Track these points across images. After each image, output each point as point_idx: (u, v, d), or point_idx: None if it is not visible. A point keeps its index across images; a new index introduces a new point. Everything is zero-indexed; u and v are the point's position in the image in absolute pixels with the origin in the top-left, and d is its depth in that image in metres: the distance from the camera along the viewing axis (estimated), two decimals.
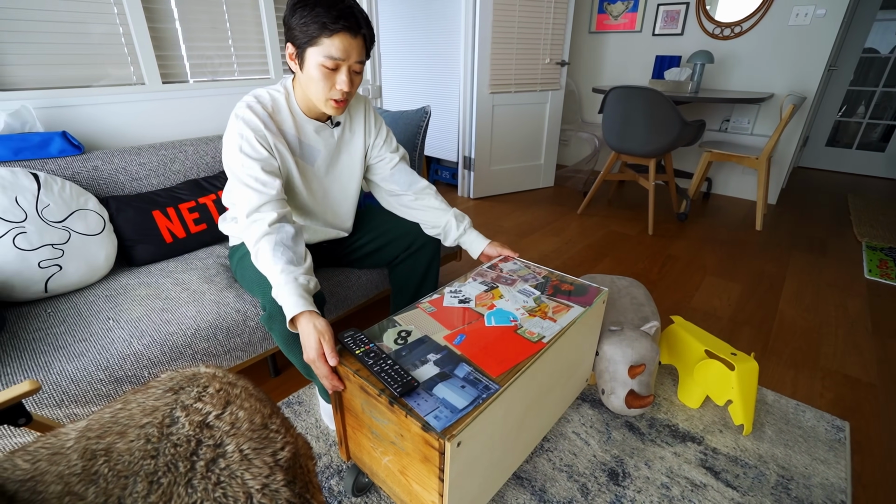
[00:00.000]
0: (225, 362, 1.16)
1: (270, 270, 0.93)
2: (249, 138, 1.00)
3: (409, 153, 1.74)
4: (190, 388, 0.73)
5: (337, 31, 0.93)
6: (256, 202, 0.98)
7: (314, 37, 0.94)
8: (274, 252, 0.94)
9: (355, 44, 0.97)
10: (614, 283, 1.43)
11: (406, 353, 0.86)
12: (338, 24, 0.92)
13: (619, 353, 1.17)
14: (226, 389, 0.74)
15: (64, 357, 0.95)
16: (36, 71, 1.36)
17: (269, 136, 1.02)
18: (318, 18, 0.92)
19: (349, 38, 0.95)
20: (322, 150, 1.14)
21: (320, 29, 0.93)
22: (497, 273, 1.18)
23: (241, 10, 1.75)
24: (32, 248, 1.11)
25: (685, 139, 2.46)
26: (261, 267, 0.96)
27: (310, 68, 0.97)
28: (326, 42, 0.94)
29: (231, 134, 1.01)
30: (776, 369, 1.49)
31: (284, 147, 1.06)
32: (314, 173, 1.16)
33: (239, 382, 0.77)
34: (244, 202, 0.99)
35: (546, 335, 0.93)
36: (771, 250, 2.38)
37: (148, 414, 0.68)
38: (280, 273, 0.91)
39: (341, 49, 0.95)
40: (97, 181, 1.35)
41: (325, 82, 0.98)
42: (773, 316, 1.79)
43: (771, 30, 2.81)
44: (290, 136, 1.08)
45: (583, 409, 1.30)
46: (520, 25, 2.74)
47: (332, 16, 0.92)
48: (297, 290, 0.89)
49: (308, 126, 1.10)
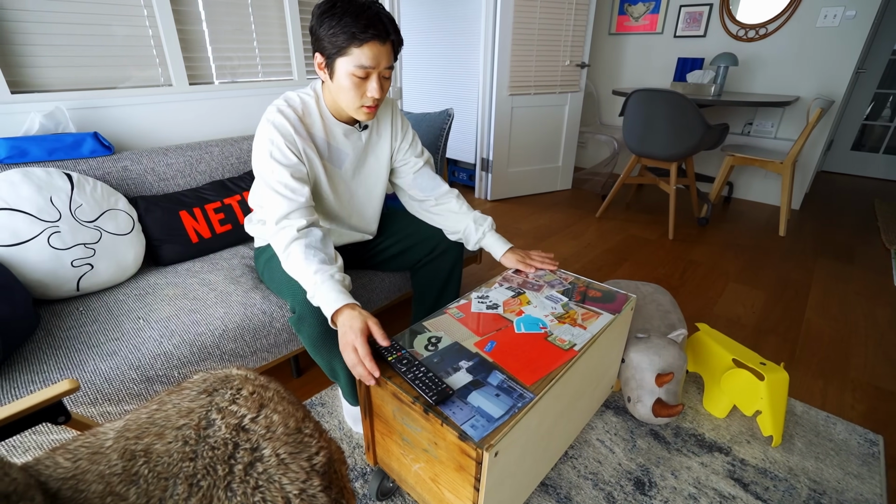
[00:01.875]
0: (251, 363, 1.16)
1: (304, 272, 0.93)
2: (280, 144, 1.00)
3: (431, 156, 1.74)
4: (224, 391, 0.74)
5: (366, 40, 0.93)
6: (285, 209, 0.99)
7: (343, 47, 0.94)
8: (306, 255, 0.94)
9: (384, 50, 0.96)
10: (639, 290, 1.42)
11: (438, 359, 0.86)
12: (367, 33, 0.92)
13: (646, 361, 1.15)
14: (259, 392, 0.75)
15: (97, 356, 0.96)
16: (68, 72, 1.38)
17: (299, 140, 1.03)
18: (347, 28, 0.91)
19: (378, 46, 0.95)
20: (350, 154, 1.14)
21: (349, 39, 0.92)
22: (523, 278, 1.17)
23: (266, 13, 1.76)
24: (66, 248, 1.13)
25: (708, 143, 2.42)
26: (293, 271, 0.96)
27: (340, 78, 0.98)
28: (356, 52, 0.94)
29: (262, 139, 1.02)
30: (804, 379, 1.45)
31: (313, 151, 1.06)
32: (341, 176, 1.16)
33: (271, 385, 0.78)
34: (273, 208, 0.99)
35: (577, 343, 0.92)
36: (795, 257, 2.33)
37: (184, 415, 0.68)
38: (315, 273, 0.92)
39: (371, 57, 0.95)
40: (126, 181, 1.37)
41: (355, 91, 0.98)
42: (800, 325, 1.75)
43: (798, 31, 2.75)
44: (319, 140, 1.08)
45: (607, 416, 1.29)
46: (540, 27, 2.73)
47: (361, 25, 0.91)
48: (335, 287, 0.90)
49: (337, 129, 1.10)
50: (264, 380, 0.78)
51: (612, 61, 3.58)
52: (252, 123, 1.81)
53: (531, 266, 1.21)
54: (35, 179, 1.13)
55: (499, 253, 1.23)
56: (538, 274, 1.20)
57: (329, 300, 0.89)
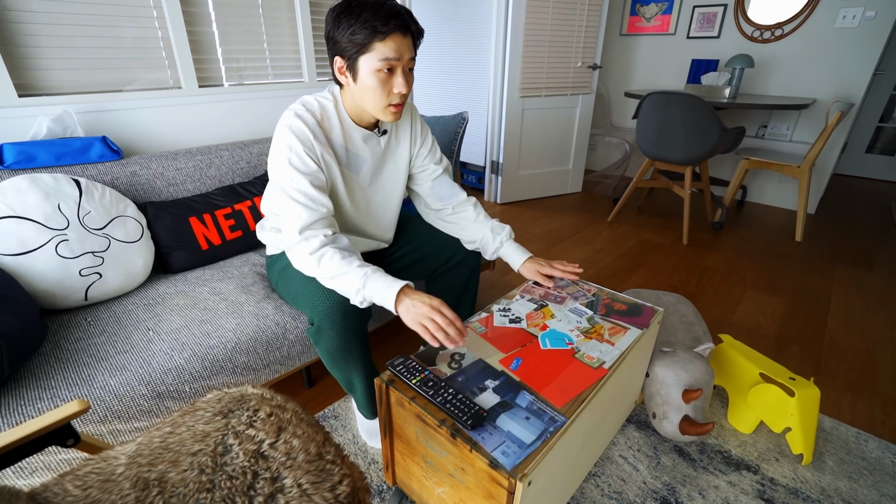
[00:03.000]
0: (263, 376, 1.13)
1: (345, 271, 0.93)
2: (298, 151, 0.96)
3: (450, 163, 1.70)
4: (240, 412, 0.70)
5: (389, 32, 0.90)
6: (307, 219, 0.96)
7: (365, 43, 0.91)
8: (343, 257, 0.94)
9: (406, 42, 0.94)
10: (661, 300, 1.37)
11: (462, 378, 0.82)
12: (389, 24, 0.90)
13: (672, 376, 1.11)
14: (276, 414, 0.71)
15: (106, 370, 0.93)
16: (76, 75, 1.35)
17: (318, 146, 0.99)
18: (368, 23, 0.89)
19: (401, 38, 0.92)
20: (368, 160, 1.11)
21: (371, 34, 0.90)
22: (545, 290, 1.13)
23: (276, 14, 1.73)
24: (74, 256, 1.10)
25: (724, 146, 2.37)
26: (330, 273, 0.94)
27: (364, 77, 0.94)
28: (379, 46, 0.91)
29: (279, 145, 0.98)
30: (831, 393, 1.41)
31: (331, 157, 1.03)
32: (358, 183, 1.12)
33: (288, 405, 0.74)
34: (294, 218, 0.96)
35: (606, 360, 0.88)
36: (813, 263, 2.28)
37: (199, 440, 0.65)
38: (358, 268, 0.93)
39: (395, 49, 0.92)
40: (135, 187, 1.34)
41: (382, 89, 0.95)
42: (822, 334, 1.70)
43: (815, 32, 2.70)
44: (337, 146, 1.05)
45: (629, 431, 1.25)
46: (552, 28, 2.68)
47: (382, 18, 0.89)
48: (385, 276, 0.93)
49: (356, 134, 1.07)
50: (281, 399, 0.75)
51: (624, 63, 3.53)
52: (262, 126, 1.78)
53: (553, 274, 1.16)
54: (43, 186, 1.10)
55: (517, 263, 1.18)
56: (560, 285, 1.16)
57: (386, 285, 0.91)
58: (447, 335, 0.84)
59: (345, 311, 0.99)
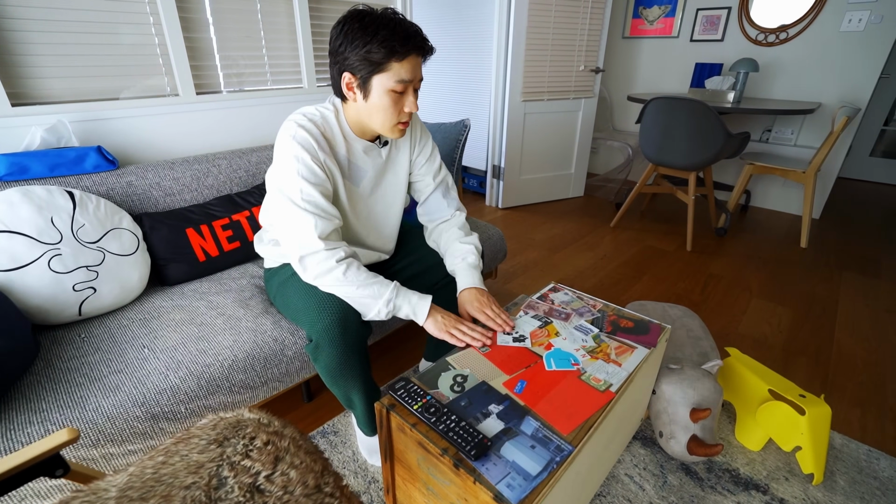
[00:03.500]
0: (261, 394, 1.10)
1: (374, 281, 0.97)
2: (306, 161, 0.94)
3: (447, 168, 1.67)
4: (236, 440, 0.67)
5: (407, 53, 0.89)
6: (323, 228, 0.95)
7: (381, 63, 0.89)
8: (367, 274, 0.98)
9: (419, 62, 0.94)
10: (667, 313, 1.35)
11: (465, 402, 0.79)
12: (407, 45, 0.88)
13: (679, 394, 1.08)
14: (274, 442, 0.68)
15: (99, 391, 0.90)
16: (71, 83, 1.32)
17: (322, 155, 0.97)
18: (386, 43, 0.87)
19: (416, 58, 0.92)
20: (369, 171, 1.09)
21: (389, 53, 0.88)
22: (549, 305, 1.11)
23: (275, 20, 1.70)
24: (67, 271, 1.08)
25: (728, 152, 2.34)
26: (358, 282, 0.96)
27: (376, 96, 0.93)
28: (396, 66, 0.89)
29: (285, 157, 0.95)
30: (840, 407, 1.38)
31: (335, 167, 1.01)
32: (359, 194, 1.10)
33: (286, 431, 0.72)
34: (308, 227, 0.94)
35: (613, 382, 0.85)
36: (819, 270, 2.25)
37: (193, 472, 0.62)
38: (384, 279, 0.99)
39: (411, 70, 0.91)
40: (131, 197, 1.32)
41: (393, 108, 0.94)
42: (830, 346, 1.67)
43: (820, 36, 2.67)
44: (340, 156, 1.02)
45: (634, 448, 1.22)
46: (554, 31, 2.65)
47: (400, 38, 0.87)
48: (410, 290, 1.02)
49: (357, 146, 1.04)
50: (279, 424, 0.72)
51: (626, 66, 3.50)
52: (261, 134, 1.75)
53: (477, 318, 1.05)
54: (35, 199, 1.07)
55: (458, 289, 1.12)
56: (564, 300, 1.13)
57: (418, 297, 1.00)
58: (473, 338, 0.97)
59: (344, 328, 0.96)
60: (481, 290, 1.09)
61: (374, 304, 0.96)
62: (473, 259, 1.15)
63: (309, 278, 0.97)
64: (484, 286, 1.12)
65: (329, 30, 1.83)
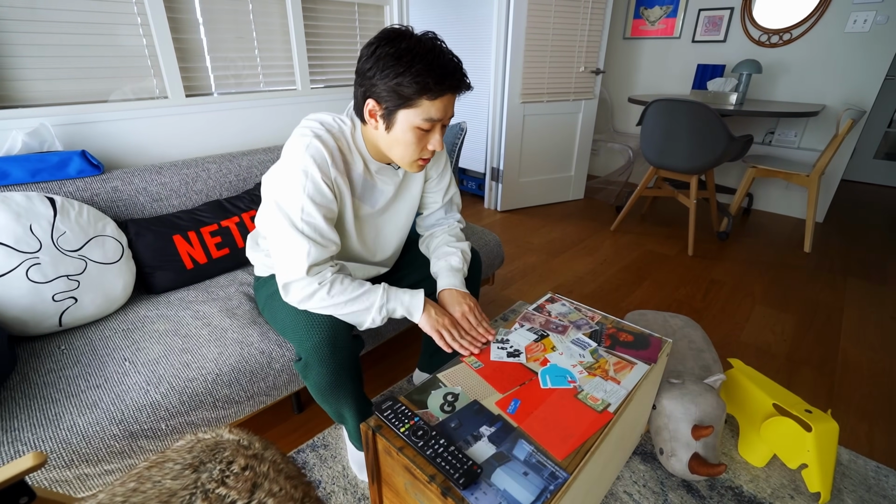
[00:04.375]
0: (247, 408, 1.06)
1: (361, 291, 0.92)
2: (315, 178, 0.86)
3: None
4: (212, 465, 0.63)
5: (442, 93, 0.82)
6: (316, 256, 0.88)
7: (412, 98, 0.82)
8: (352, 280, 0.94)
9: (453, 99, 0.86)
10: (668, 323, 1.31)
11: (455, 424, 0.75)
12: (443, 84, 0.81)
13: (680, 410, 1.05)
14: (252, 467, 0.64)
15: (76, 407, 0.87)
16: (55, 85, 1.29)
17: (333, 171, 0.89)
18: (420, 78, 0.79)
19: (450, 97, 0.84)
20: (383, 191, 1.02)
21: (421, 90, 0.80)
22: (545, 317, 1.07)
23: (268, 20, 1.66)
24: (46, 281, 1.04)
25: (731, 155, 2.30)
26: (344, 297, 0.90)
27: (400, 131, 0.86)
28: (426, 104, 0.82)
29: (293, 169, 0.86)
30: (846, 421, 1.34)
31: (346, 186, 0.93)
32: (370, 214, 1.04)
33: (266, 454, 0.67)
34: (301, 254, 0.87)
35: (612, 402, 0.81)
36: (823, 276, 2.21)
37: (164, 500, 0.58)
38: (372, 286, 0.94)
39: (441, 109, 0.84)
40: (117, 203, 1.28)
41: (416, 145, 0.88)
42: (835, 355, 1.63)
43: (824, 37, 2.63)
44: (355, 175, 0.96)
45: (633, 464, 1.18)
46: (554, 32, 2.61)
47: (437, 76, 0.80)
48: (401, 289, 0.97)
49: (371, 165, 0.98)
50: (259, 446, 0.68)
51: (627, 67, 3.46)
52: (254, 137, 1.71)
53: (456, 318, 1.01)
54: (13, 206, 1.03)
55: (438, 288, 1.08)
56: (561, 311, 1.09)
57: (410, 295, 0.97)
58: (461, 346, 0.95)
59: (334, 347, 0.92)
60: (462, 293, 1.04)
61: (366, 315, 0.92)
62: (457, 262, 1.10)
63: (293, 303, 0.92)
64: (465, 289, 1.06)
65: (323, 30, 1.81)
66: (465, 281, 1.13)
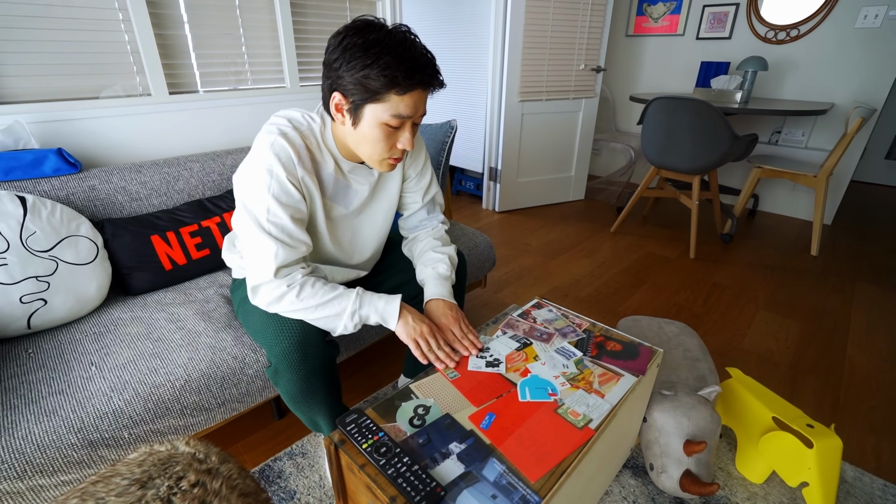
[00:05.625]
0: (219, 416, 1.02)
1: (333, 295, 0.87)
2: (280, 177, 0.82)
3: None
4: (161, 481, 0.59)
5: (411, 87, 0.77)
6: (284, 258, 0.84)
7: (379, 92, 0.77)
8: (324, 283, 0.89)
9: (425, 96, 0.82)
10: (662, 330, 1.25)
11: (424, 440, 0.70)
12: (413, 79, 0.76)
13: (672, 424, 0.99)
14: (203, 483, 0.60)
15: (33, 415, 0.83)
16: (32, 82, 1.26)
17: (300, 170, 0.85)
18: (388, 72, 0.74)
19: (420, 93, 0.80)
20: (357, 192, 0.98)
21: (389, 84, 0.76)
22: (530, 324, 1.02)
23: (255, 16, 1.63)
24: (13, 282, 1.01)
25: (735, 155, 2.23)
26: (314, 301, 0.85)
27: (367, 127, 0.81)
28: (395, 99, 0.78)
29: (257, 167, 0.83)
30: (852, 434, 1.27)
31: (315, 185, 0.89)
32: (345, 216, 1.00)
33: (222, 469, 0.63)
34: (268, 256, 0.83)
35: (594, 417, 0.76)
36: (831, 280, 2.13)
37: None
38: (345, 290, 0.89)
39: (411, 106, 0.79)
40: (94, 202, 1.25)
41: (384, 142, 0.83)
42: (842, 364, 1.56)
43: (833, 33, 2.54)
44: (325, 175, 0.91)
45: (623, 479, 1.12)
46: (553, 29, 2.56)
47: (406, 69, 0.75)
48: (375, 294, 0.91)
49: (343, 165, 0.94)
50: (216, 460, 0.63)
51: (629, 65, 3.39)
52: (241, 135, 1.68)
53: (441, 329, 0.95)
54: None
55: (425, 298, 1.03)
56: (547, 318, 1.04)
57: (385, 301, 0.90)
58: (437, 357, 0.88)
59: (305, 353, 0.88)
60: (450, 304, 0.99)
61: (338, 321, 0.88)
62: (444, 269, 1.05)
63: (262, 306, 0.88)
64: (453, 299, 1.02)
65: (312, 26, 1.77)
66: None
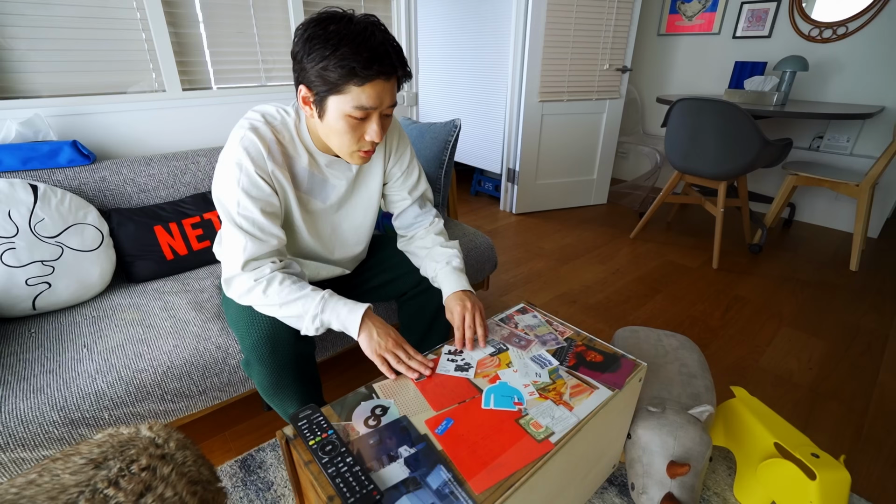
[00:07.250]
0: (200, 403, 1.05)
1: (298, 296, 0.85)
2: (249, 171, 0.83)
3: (435, 171, 1.57)
4: (114, 462, 0.60)
5: (370, 78, 0.76)
6: (253, 251, 0.85)
7: (338, 84, 0.77)
8: (294, 282, 0.87)
9: (388, 87, 0.80)
10: (661, 343, 1.18)
11: (374, 441, 0.69)
12: (370, 69, 0.75)
13: (656, 442, 0.93)
14: (153, 468, 0.61)
15: (21, 392, 0.88)
16: (52, 78, 1.33)
17: (270, 164, 0.86)
18: (345, 62, 0.74)
19: (383, 83, 0.78)
20: (335, 186, 0.98)
21: (347, 75, 0.75)
22: (510, 329, 0.98)
23: (268, 14, 1.66)
24: (20, 265, 1.07)
25: (765, 160, 2.10)
26: (279, 300, 0.85)
27: (332, 119, 0.81)
28: (355, 90, 0.77)
29: (227, 162, 0.85)
30: (874, 468, 1.16)
31: (287, 180, 0.90)
32: (324, 210, 1.00)
33: (177, 455, 0.64)
34: (238, 248, 0.85)
35: (556, 431, 0.72)
36: (869, 299, 1.96)
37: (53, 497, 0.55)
38: (314, 291, 0.87)
39: (373, 97, 0.78)
40: (104, 192, 1.31)
41: (351, 134, 0.82)
42: (871, 390, 1.43)
43: (886, 30, 2.34)
44: (299, 169, 0.92)
45: (608, 496, 1.07)
46: (576, 28, 2.49)
47: (363, 59, 0.74)
48: (345, 300, 0.88)
49: (320, 158, 0.94)
50: (174, 445, 0.65)
51: (660, 65, 3.25)
52: None
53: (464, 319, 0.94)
54: None
55: (445, 293, 1.01)
56: (529, 324, 1.00)
57: (348, 309, 0.87)
58: (409, 367, 0.84)
59: (274, 346, 0.89)
60: (468, 293, 0.98)
61: (300, 322, 0.87)
62: (458, 262, 1.04)
63: (234, 298, 0.90)
64: (472, 289, 1.00)
65: None
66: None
